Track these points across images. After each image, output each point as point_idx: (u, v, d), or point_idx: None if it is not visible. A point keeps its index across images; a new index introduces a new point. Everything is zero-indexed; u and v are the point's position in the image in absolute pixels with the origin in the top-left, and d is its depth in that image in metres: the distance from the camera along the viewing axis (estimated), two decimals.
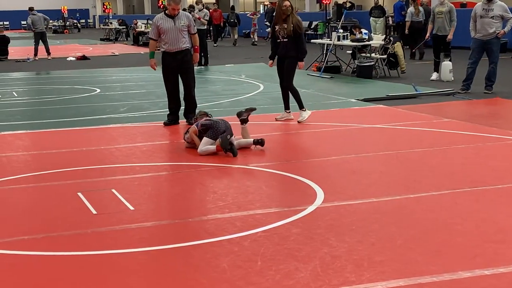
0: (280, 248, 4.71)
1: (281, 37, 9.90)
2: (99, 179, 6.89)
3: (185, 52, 9.84)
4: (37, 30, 23.90)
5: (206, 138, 7.90)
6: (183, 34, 9.79)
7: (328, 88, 13.81)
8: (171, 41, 9.76)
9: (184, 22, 9.78)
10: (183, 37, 9.80)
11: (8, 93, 14.53)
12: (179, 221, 5.46)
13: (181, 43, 9.79)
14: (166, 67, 9.89)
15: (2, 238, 5.08)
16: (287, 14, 9.80)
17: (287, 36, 9.82)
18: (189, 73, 9.96)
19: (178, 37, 9.75)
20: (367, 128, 9.45)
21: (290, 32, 9.77)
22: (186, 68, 9.90)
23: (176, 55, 9.78)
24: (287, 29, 9.77)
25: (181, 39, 9.78)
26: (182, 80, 10.00)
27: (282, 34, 9.88)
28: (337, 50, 17.64)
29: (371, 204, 5.74)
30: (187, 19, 9.84)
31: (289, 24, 9.77)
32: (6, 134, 9.56)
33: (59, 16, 52.45)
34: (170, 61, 9.81)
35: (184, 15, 9.87)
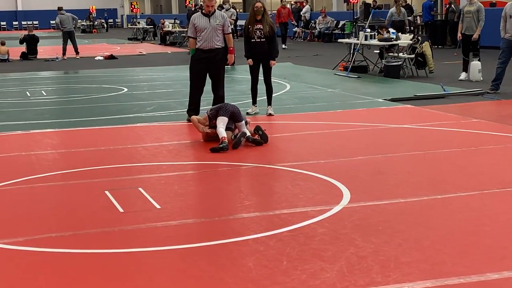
0: (305, 248, 4.70)
1: (256, 37, 10.23)
2: (126, 178, 6.93)
3: (217, 51, 9.90)
4: (65, 29, 24.11)
5: (221, 117, 8.23)
6: (217, 33, 9.87)
7: (355, 87, 13.75)
8: (206, 39, 9.85)
9: (219, 21, 9.86)
10: (217, 35, 9.88)
11: (37, 92, 14.69)
12: (205, 220, 5.47)
13: (215, 41, 9.87)
14: (195, 62, 9.94)
15: (30, 235, 5.14)
16: (260, 14, 10.19)
17: (264, 36, 10.20)
18: (219, 73, 10.00)
19: (213, 35, 9.84)
20: (394, 128, 9.39)
21: (266, 32, 10.20)
22: (216, 67, 9.95)
23: (209, 53, 9.84)
24: (264, 30, 10.19)
25: (215, 38, 9.86)
26: (211, 78, 10.03)
27: (258, 34, 10.21)
28: (364, 49, 17.56)
29: (398, 205, 5.70)
30: (222, 19, 9.94)
31: (265, 25, 10.20)
32: (35, 132, 9.66)
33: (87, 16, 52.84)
34: (202, 56, 9.87)
35: (219, 15, 9.97)
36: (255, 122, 8.98)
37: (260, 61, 10.42)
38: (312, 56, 22.73)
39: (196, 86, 10.03)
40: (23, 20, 61.53)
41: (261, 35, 10.21)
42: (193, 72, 10.04)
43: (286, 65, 19.62)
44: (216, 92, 10.00)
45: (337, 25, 30.96)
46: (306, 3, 36.04)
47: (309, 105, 11.57)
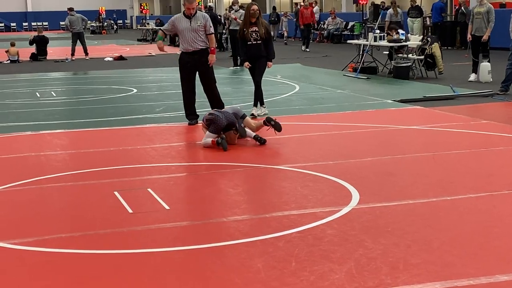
0: (314, 249, 4.69)
1: (252, 40, 10.24)
2: (135, 178, 6.95)
3: (201, 52, 9.88)
4: (74, 30, 24.18)
5: (208, 133, 8.29)
6: (199, 34, 9.84)
7: (364, 89, 13.73)
8: (188, 41, 9.85)
9: (200, 22, 9.83)
10: (199, 36, 9.85)
11: (47, 92, 14.74)
12: (214, 221, 5.48)
13: (198, 43, 9.85)
14: (182, 66, 9.99)
15: (40, 235, 5.16)
16: (256, 17, 10.21)
17: (260, 39, 10.23)
18: (207, 73, 10.00)
19: (195, 37, 9.82)
20: (404, 129, 9.38)
21: (263, 35, 10.24)
22: (203, 68, 9.94)
23: (193, 55, 9.85)
24: (260, 32, 10.22)
25: (197, 39, 9.84)
26: (201, 80, 10.05)
27: (254, 37, 10.25)
28: (373, 50, 17.53)
29: (407, 206, 5.69)
30: (203, 19, 9.89)
31: (261, 27, 10.24)
32: (44, 133, 9.69)
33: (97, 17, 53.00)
34: (187, 60, 9.90)
35: (201, 15, 9.93)
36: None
37: (256, 63, 10.38)
38: (321, 57, 22.71)
39: (187, 89, 10.04)
40: (33, 21, 61.82)
41: (257, 37, 10.22)
42: (182, 76, 10.08)
43: (295, 66, 19.62)
44: (211, 92, 9.99)
45: (346, 26, 30.95)
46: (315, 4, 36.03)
47: (318, 106, 11.56)
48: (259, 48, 10.27)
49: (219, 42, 25.78)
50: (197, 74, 10.03)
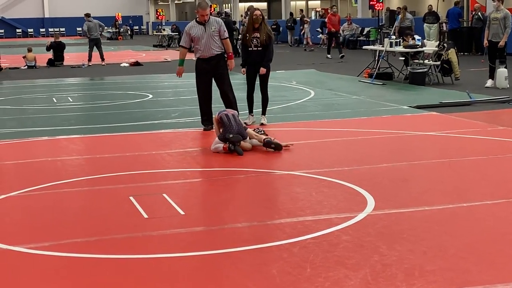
0: (329, 255, 4.68)
1: (253, 46, 10.11)
2: (150, 184, 6.97)
3: (218, 58, 9.89)
4: (91, 36, 24.32)
5: (217, 139, 8.35)
6: (214, 39, 9.84)
7: (380, 94, 13.69)
8: (204, 48, 9.85)
9: (214, 27, 9.84)
10: (215, 42, 9.86)
11: (64, 98, 14.83)
12: (229, 226, 5.48)
13: (214, 48, 9.86)
14: (199, 73, 9.99)
15: (56, 240, 5.18)
16: (259, 23, 10.08)
17: (261, 45, 10.09)
18: (223, 79, 9.99)
19: (210, 43, 9.83)
20: (420, 135, 9.34)
21: (263, 41, 10.08)
22: (220, 74, 9.95)
23: (210, 61, 9.85)
24: (261, 38, 10.07)
25: (213, 45, 9.85)
26: (218, 86, 10.05)
27: (255, 43, 10.12)
28: (389, 56, 17.49)
29: (423, 213, 5.66)
30: (217, 24, 9.89)
31: (262, 34, 10.09)
32: (61, 138, 9.75)
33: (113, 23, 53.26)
34: (203, 67, 9.91)
35: (214, 20, 9.93)
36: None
37: (256, 69, 10.27)
38: (336, 62, 22.69)
39: (204, 95, 10.04)
40: (50, 27, 62.26)
41: (258, 43, 10.09)
42: (198, 82, 10.08)
43: (310, 72, 19.61)
44: (227, 98, 9.97)
45: (362, 32, 30.88)
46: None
47: (334, 112, 11.54)
48: (259, 54, 10.13)
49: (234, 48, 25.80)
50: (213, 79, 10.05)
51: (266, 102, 10.45)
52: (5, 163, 8.24)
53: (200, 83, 10.07)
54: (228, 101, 9.97)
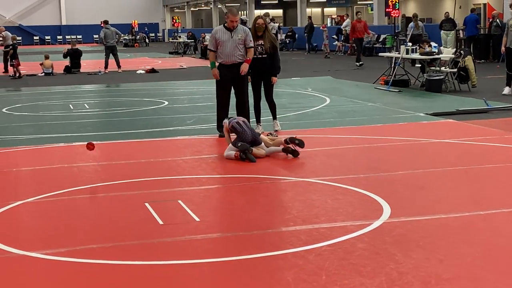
0: (345, 263, 4.66)
1: (258, 53, 10.08)
2: (166, 190, 6.98)
3: (239, 66, 9.85)
4: (108, 44, 24.46)
5: (231, 145, 8.37)
6: (239, 47, 9.83)
7: (396, 102, 13.65)
8: (227, 54, 9.85)
9: (241, 35, 9.82)
10: (239, 50, 9.84)
11: (80, 105, 14.91)
12: (244, 233, 5.47)
13: (237, 56, 9.85)
14: (220, 78, 9.98)
15: (72, 246, 5.20)
16: (261, 31, 10.11)
17: (266, 53, 10.09)
18: (242, 87, 9.98)
19: (234, 50, 9.82)
20: (436, 143, 9.29)
21: (268, 49, 10.09)
22: (239, 82, 9.93)
23: (231, 68, 9.86)
24: (265, 46, 10.09)
25: (236, 52, 9.84)
26: (235, 93, 10.04)
27: (259, 50, 10.10)
28: (405, 63, 17.43)
29: (439, 221, 5.62)
30: (243, 33, 9.87)
31: (266, 41, 10.10)
32: (77, 145, 9.79)
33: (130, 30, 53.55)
34: (224, 73, 9.90)
35: (241, 29, 9.91)
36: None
37: (261, 77, 10.27)
38: (352, 70, 22.65)
39: (222, 102, 10.03)
40: (67, 35, 62.71)
41: (262, 51, 10.09)
42: (218, 88, 10.08)
43: (326, 78, 19.59)
44: (241, 106, 9.98)
45: (378, 39, 30.81)
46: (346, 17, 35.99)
47: (349, 119, 11.52)
48: (263, 62, 10.10)
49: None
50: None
51: (274, 107, 10.45)
52: (22, 169, 8.29)
53: (219, 89, 10.07)
54: (243, 110, 9.96)
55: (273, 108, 10.44)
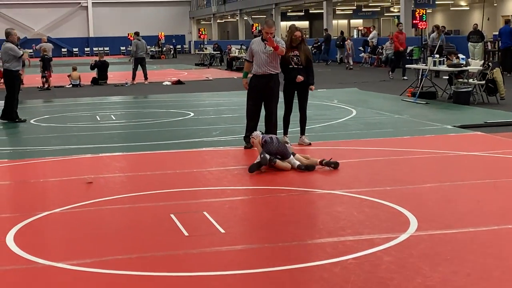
0: (371, 276, 4.61)
1: (293, 64, 10.07)
2: (191, 202, 6.98)
3: (270, 77, 9.88)
4: (137, 55, 24.65)
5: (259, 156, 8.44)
6: (271, 59, 9.85)
7: (423, 114, 13.55)
8: (259, 64, 9.91)
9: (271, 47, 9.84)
10: (271, 62, 9.86)
11: (107, 116, 15.02)
12: (269, 245, 5.45)
13: (268, 67, 9.87)
14: (251, 88, 10.03)
15: (98, 257, 5.21)
16: (297, 43, 10.09)
17: (301, 64, 10.08)
18: (272, 100, 9.97)
19: (266, 62, 9.85)
20: (464, 155, 9.20)
21: (303, 61, 10.08)
22: (269, 94, 9.94)
23: (261, 79, 9.88)
24: (301, 58, 10.07)
25: (268, 64, 9.86)
26: (264, 105, 10.05)
27: (295, 61, 10.08)
28: (432, 75, 17.31)
29: (467, 234, 5.55)
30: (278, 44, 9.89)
31: (302, 53, 10.08)
32: (104, 156, 9.85)
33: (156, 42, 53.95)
34: (255, 83, 9.94)
35: (274, 40, 9.91)
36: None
37: (296, 89, 10.23)
38: (378, 81, 22.56)
39: (252, 112, 10.05)
40: (94, 47, 63.36)
41: (298, 62, 10.07)
42: (249, 99, 10.11)
43: (353, 90, 19.53)
44: (269, 117, 9.99)
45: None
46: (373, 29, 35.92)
47: (376, 131, 11.45)
48: (299, 73, 10.08)
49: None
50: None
51: (305, 121, 10.41)
52: (49, 180, 8.36)
53: (249, 98, 10.11)
54: (270, 122, 9.96)
55: (305, 121, 10.37)
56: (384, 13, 51.42)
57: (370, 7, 49.49)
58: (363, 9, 50.17)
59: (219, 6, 56.26)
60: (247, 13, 52.47)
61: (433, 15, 45.03)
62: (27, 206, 7.01)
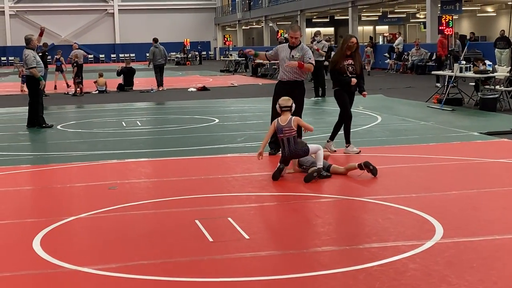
0: (396, 284, 4.59)
1: (348, 73, 9.96)
2: (216, 207, 7.00)
3: (293, 84, 9.86)
4: (156, 62, 24.79)
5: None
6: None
7: (449, 120, 13.45)
8: (284, 70, 9.96)
9: (299, 54, 9.83)
10: (296, 68, 9.85)
11: (133, 122, 15.12)
12: (293, 252, 5.44)
13: (292, 74, 9.88)
14: (275, 94, 10.03)
15: (123, 262, 5.24)
16: (352, 50, 9.96)
17: (355, 73, 10.00)
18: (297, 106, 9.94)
19: (291, 69, 9.85)
20: (490, 162, 9.11)
21: (358, 71, 10.02)
22: (294, 99, 9.90)
23: (285, 85, 9.90)
24: (356, 67, 9.99)
25: (292, 70, 9.86)
26: None
27: (350, 70, 9.98)
28: (459, 82, 17.19)
29: (493, 242, 5.50)
30: (301, 51, 9.87)
31: (357, 62, 10.01)
32: (129, 161, 9.92)
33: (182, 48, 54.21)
34: (280, 89, 9.95)
35: (301, 48, 9.91)
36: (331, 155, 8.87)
37: (350, 96, 10.23)
38: (404, 88, 22.45)
39: (274, 116, 10.03)
40: (121, 53, 63.86)
41: (353, 71, 9.99)
42: (273, 104, 10.10)
43: (378, 97, 19.45)
44: None
45: (431, 57, 30.49)
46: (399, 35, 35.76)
47: (401, 138, 11.39)
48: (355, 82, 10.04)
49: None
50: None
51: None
52: (75, 185, 8.43)
53: (274, 104, 10.11)
54: None
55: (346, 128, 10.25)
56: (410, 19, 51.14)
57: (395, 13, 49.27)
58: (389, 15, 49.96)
59: (244, 13, 56.41)
60: (272, 19, 52.54)
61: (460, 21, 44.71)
62: (54, 211, 7.08)
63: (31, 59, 13.95)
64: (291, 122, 8.49)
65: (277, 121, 8.57)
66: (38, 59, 14.27)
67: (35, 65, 13.95)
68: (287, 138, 8.46)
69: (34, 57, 14.05)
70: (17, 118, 16.08)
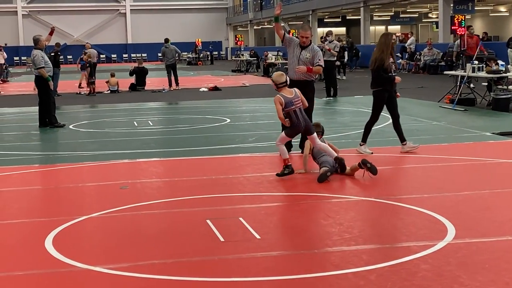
0: (407, 284, 4.57)
1: (392, 71, 9.82)
2: (227, 207, 7.00)
3: (304, 84, 9.78)
4: (168, 62, 24.86)
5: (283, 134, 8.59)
6: (305, 65, 9.81)
7: (462, 121, 13.40)
8: (292, 69, 9.91)
9: (309, 55, 9.80)
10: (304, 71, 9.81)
11: (144, 122, 15.15)
12: (305, 252, 5.43)
13: (301, 74, 9.83)
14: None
15: (134, 261, 5.26)
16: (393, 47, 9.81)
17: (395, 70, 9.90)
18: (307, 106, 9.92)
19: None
20: (503, 163, 9.06)
21: (396, 68, 9.90)
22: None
23: (296, 85, 9.84)
24: (395, 64, 9.84)
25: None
26: None
27: (393, 68, 9.83)
28: (471, 82, 17.11)
29: (506, 242, 5.47)
30: (312, 52, 9.84)
31: (394, 59, 9.84)
32: (141, 161, 9.94)
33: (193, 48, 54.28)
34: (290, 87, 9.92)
35: (311, 48, 9.87)
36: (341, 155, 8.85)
37: (390, 95, 10.06)
38: (416, 88, 22.37)
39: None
40: (133, 53, 64.05)
41: (395, 69, 9.88)
42: None
43: None
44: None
45: (443, 57, 30.39)
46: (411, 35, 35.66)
47: (413, 138, 11.34)
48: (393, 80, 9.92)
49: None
50: None
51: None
52: (87, 185, 8.46)
53: None
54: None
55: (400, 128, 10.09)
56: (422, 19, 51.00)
57: (408, 13, 49.15)
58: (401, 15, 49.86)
59: (256, 13, 56.41)
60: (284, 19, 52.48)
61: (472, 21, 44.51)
62: (65, 210, 7.11)
63: (39, 59, 14.00)
64: (297, 92, 8.50)
65: (283, 97, 8.43)
66: (47, 59, 14.31)
67: (43, 65, 13.99)
68: (299, 109, 8.42)
69: (42, 57, 14.10)
70: (29, 118, 16.15)
